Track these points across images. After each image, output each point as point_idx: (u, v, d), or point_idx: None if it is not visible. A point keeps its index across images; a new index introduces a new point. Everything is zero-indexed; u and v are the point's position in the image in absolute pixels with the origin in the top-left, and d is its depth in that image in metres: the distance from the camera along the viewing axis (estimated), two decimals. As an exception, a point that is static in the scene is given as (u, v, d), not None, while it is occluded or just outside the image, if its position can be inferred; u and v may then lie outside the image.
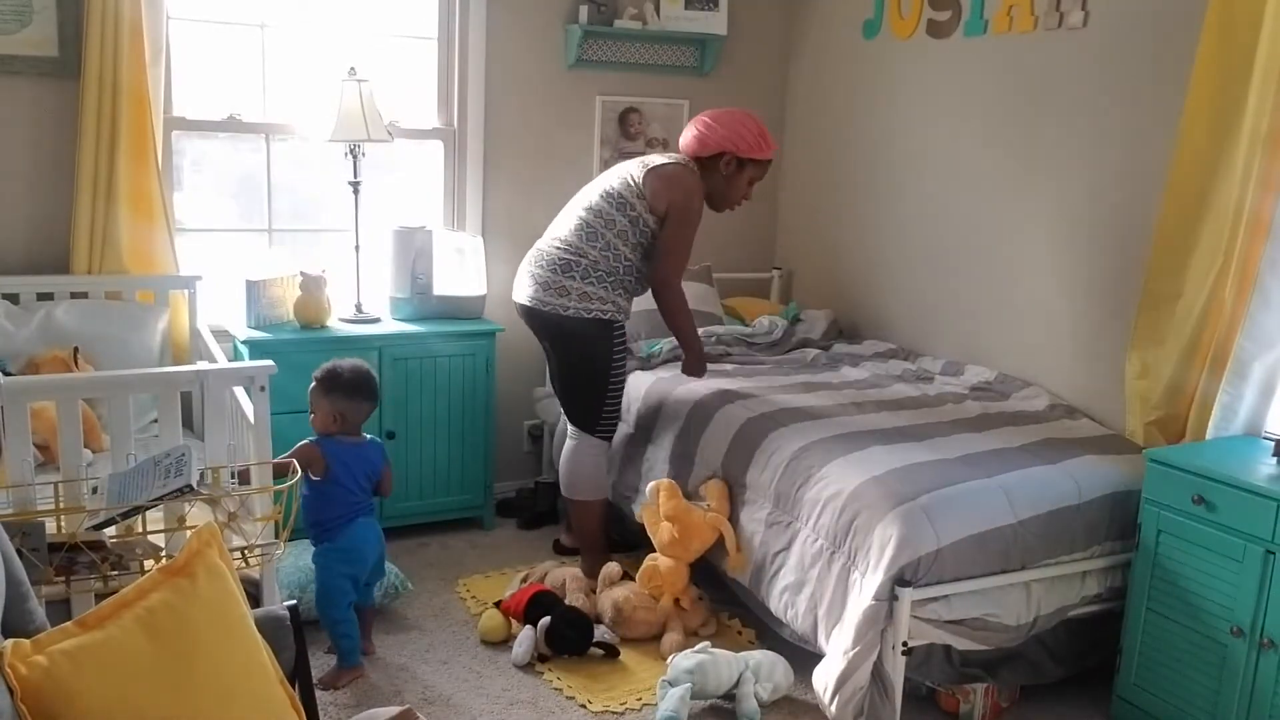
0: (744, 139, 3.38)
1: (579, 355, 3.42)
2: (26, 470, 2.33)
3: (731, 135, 3.37)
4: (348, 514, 2.96)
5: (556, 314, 3.35)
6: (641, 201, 3.35)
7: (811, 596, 2.86)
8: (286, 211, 4.04)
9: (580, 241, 3.35)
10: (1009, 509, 2.76)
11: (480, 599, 3.45)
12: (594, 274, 3.33)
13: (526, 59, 4.21)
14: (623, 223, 3.35)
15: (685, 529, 3.19)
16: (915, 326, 4.15)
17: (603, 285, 3.34)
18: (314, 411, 2.98)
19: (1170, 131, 3.05)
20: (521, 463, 4.37)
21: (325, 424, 2.97)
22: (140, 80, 3.43)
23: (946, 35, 3.91)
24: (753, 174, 3.46)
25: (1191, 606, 2.66)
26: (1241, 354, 2.83)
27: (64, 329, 3.33)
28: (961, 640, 2.71)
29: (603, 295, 3.34)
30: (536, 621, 3.11)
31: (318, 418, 2.98)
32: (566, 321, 3.35)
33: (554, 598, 3.22)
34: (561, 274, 3.34)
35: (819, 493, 2.89)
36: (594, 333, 3.37)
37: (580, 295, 3.33)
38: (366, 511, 3.02)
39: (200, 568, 1.72)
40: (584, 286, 3.33)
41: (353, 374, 2.98)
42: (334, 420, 2.95)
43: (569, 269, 3.34)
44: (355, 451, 2.99)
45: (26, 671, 1.47)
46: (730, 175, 3.42)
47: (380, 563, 3.11)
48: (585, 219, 3.38)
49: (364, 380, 2.99)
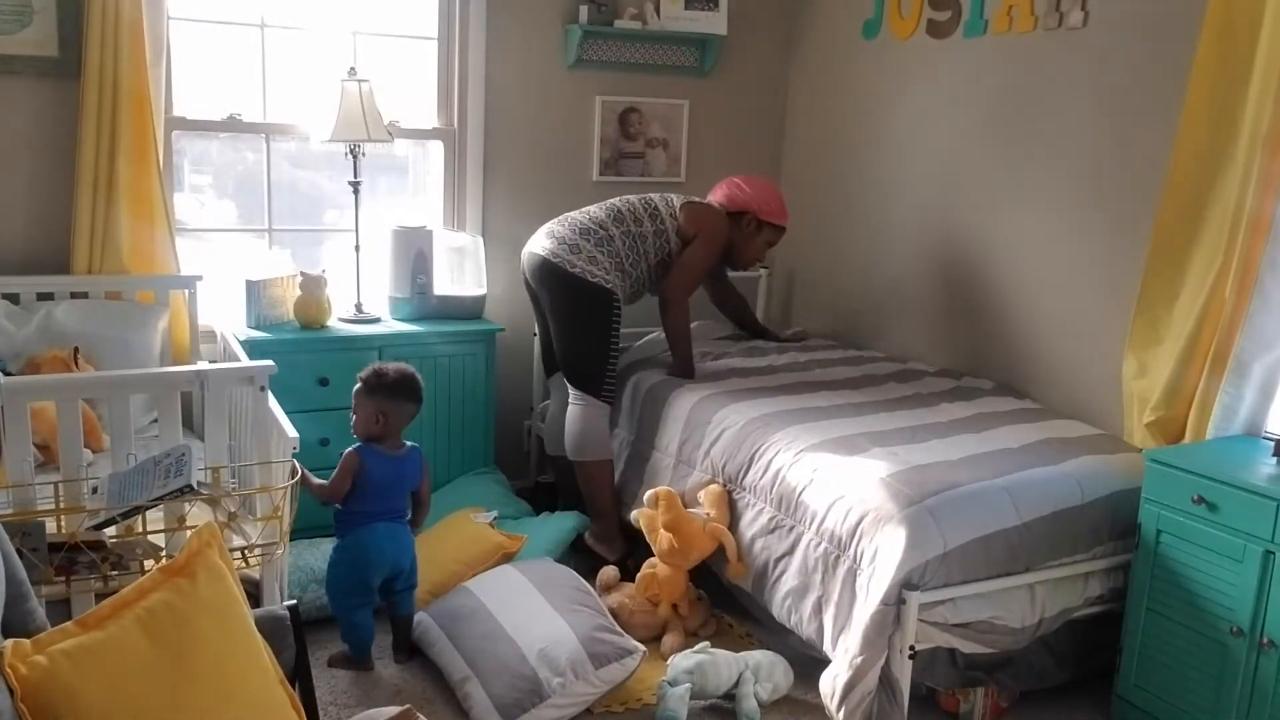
0: (768, 204, 3.78)
1: (580, 314, 3.58)
2: (26, 470, 2.33)
3: (758, 198, 3.77)
4: (363, 518, 2.95)
5: (563, 268, 3.54)
6: (673, 220, 3.71)
7: (816, 601, 2.84)
8: (286, 211, 4.05)
9: (608, 219, 3.65)
10: (1013, 511, 2.75)
11: (480, 599, 3.45)
12: (607, 248, 3.59)
13: (526, 59, 4.21)
14: (649, 228, 3.68)
15: (684, 539, 3.17)
16: (914, 325, 4.15)
17: (612, 263, 3.59)
18: (356, 413, 2.98)
19: (1170, 131, 3.05)
20: (521, 462, 4.37)
21: (367, 425, 2.95)
22: (140, 80, 3.43)
23: (946, 35, 3.91)
24: (769, 237, 3.85)
25: (1192, 607, 2.66)
26: (1241, 354, 2.83)
27: (64, 329, 3.33)
28: (968, 644, 2.71)
29: (607, 267, 3.57)
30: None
31: (359, 419, 2.97)
32: (569, 276, 3.54)
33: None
34: (579, 236, 3.59)
35: (822, 496, 2.88)
36: (593, 295, 3.55)
37: (589, 259, 3.55)
38: (389, 517, 2.98)
39: (200, 568, 1.72)
40: (594, 252, 3.56)
41: (397, 375, 2.98)
42: (375, 421, 2.94)
43: (587, 234, 3.60)
44: (394, 465, 2.97)
45: (26, 671, 1.47)
46: (750, 234, 3.80)
47: (412, 570, 3.06)
48: (618, 207, 3.71)
49: (407, 381, 2.99)
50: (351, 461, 2.93)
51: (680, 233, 3.69)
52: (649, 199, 3.75)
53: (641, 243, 3.65)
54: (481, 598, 3.03)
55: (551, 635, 2.82)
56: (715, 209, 3.77)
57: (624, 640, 2.87)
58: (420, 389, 3.03)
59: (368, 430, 2.96)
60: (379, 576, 2.99)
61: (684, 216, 3.70)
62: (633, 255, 3.63)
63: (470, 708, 2.77)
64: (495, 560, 3.32)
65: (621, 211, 3.68)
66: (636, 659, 2.84)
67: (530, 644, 2.80)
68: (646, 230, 3.66)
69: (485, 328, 3.97)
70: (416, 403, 3.03)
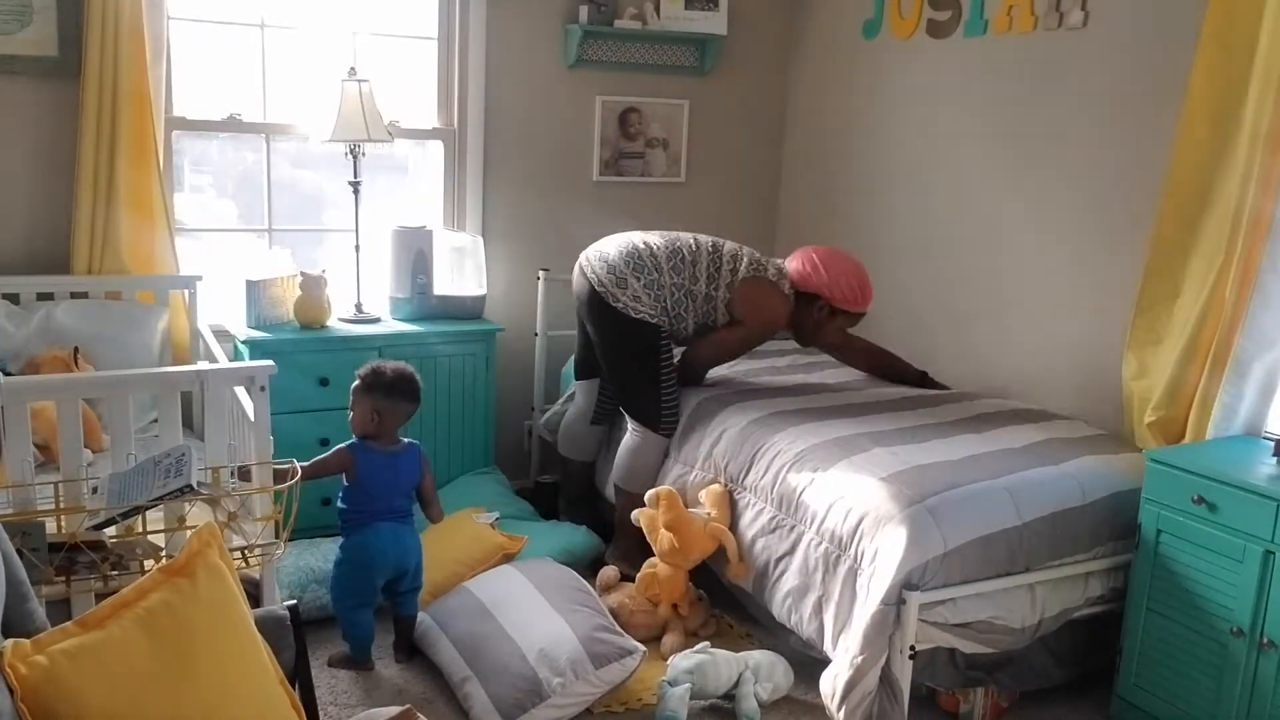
0: (841, 290, 3.46)
1: (628, 349, 3.46)
2: (26, 470, 2.33)
3: (831, 283, 3.46)
4: (364, 518, 2.95)
5: (607, 302, 3.41)
6: (725, 289, 3.45)
7: (817, 601, 2.84)
8: (286, 211, 4.04)
9: (665, 261, 3.43)
10: (1014, 510, 2.75)
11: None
12: (654, 293, 3.41)
13: (526, 59, 4.21)
14: (702, 288, 3.45)
15: (685, 539, 3.17)
16: (913, 325, 4.15)
17: (655, 303, 3.41)
18: (353, 410, 2.98)
19: (1170, 131, 3.05)
20: (522, 462, 4.37)
21: (363, 423, 2.96)
22: (140, 80, 3.43)
23: (946, 35, 3.91)
24: (843, 324, 3.57)
25: (1192, 607, 2.66)
26: (1242, 354, 2.83)
27: (64, 329, 3.33)
28: (968, 643, 2.70)
29: (652, 308, 3.41)
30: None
31: (356, 416, 2.97)
32: (613, 312, 3.41)
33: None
34: (629, 269, 3.41)
35: (823, 496, 2.88)
36: (639, 330, 3.41)
37: (633, 297, 3.40)
38: (393, 517, 2.98)
39: (200, 568, 1.72)
40: (640, 292, 3.40)
41: (394, 374, 2.98)
42: (371, 420, 2.95)
43: (640, 270, 3.41)
44: (388, 460, 2.98)
45: (26, 671, 1.47)
46: (821, 320, 3.52)
47: (416, 571, 3.05)
48: (682, 250, 3.47)
49: (405, 381, 2.99)
50: (343, 455, 2.93)
51: (730, 307, 3.46)
52: (719, 250, 3.49)
53: (691, 300, 3.44)
54: (482, 598, 3.03)
55: (551, 635, 2.82)
56: (777, 296, 3.48)
57: (624, 640, 2.87)
58: (418, 388, 3.03)
59: (364, 428, 2.97)
60: (382, 577, 2.99)
61: (740, 293, 3.44)
62: (677, 310, 3.44)
63: (470, 708, 2.77)
64: (496, 561, 3.32)
65: (684, 257, 3.45)
66: (636, 659, 2.84)
67: (530, 644, 2.80)
68: (699, 291, 3.43)
69: (485, 328, 3.97)
70: (414, 402, 3.02)
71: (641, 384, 3.46)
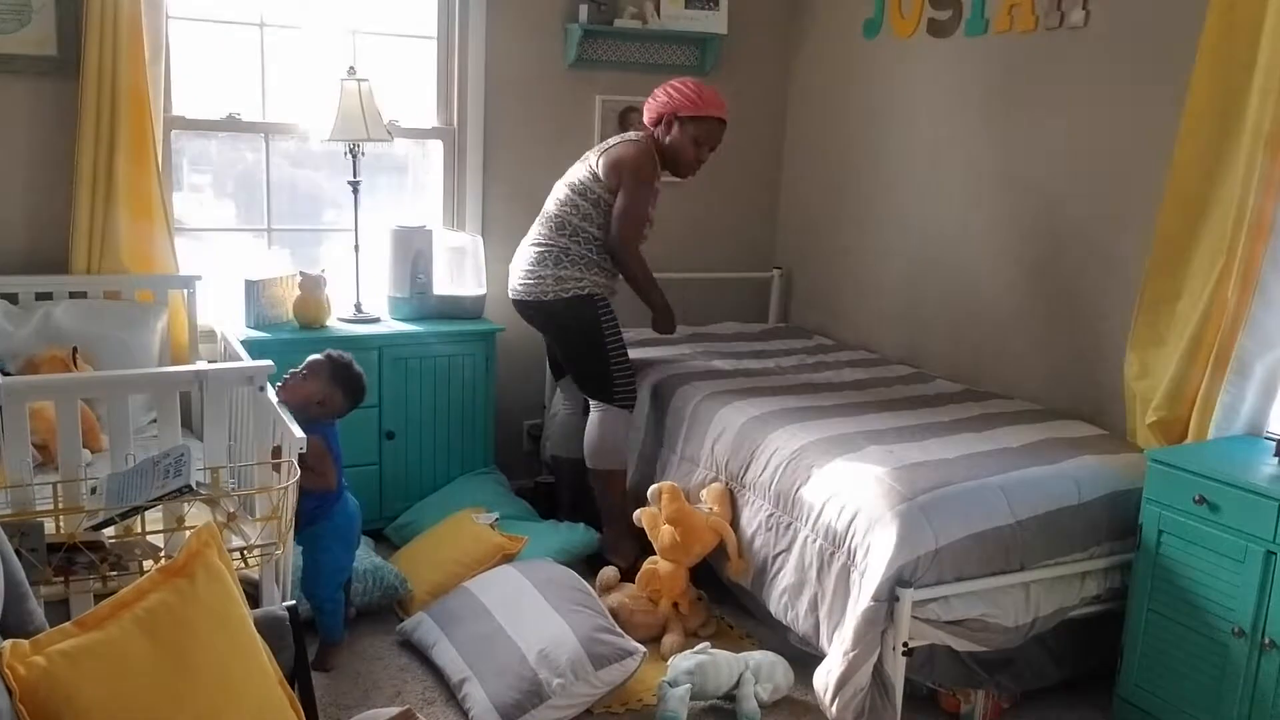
0: (675, 100, 3.51)
1: (572, 333, 3.58)
2: (25, 470, 2.32)
3: (669, 100, 3.53)
4: (338, 490, 2.96)
5: (539, 300, 3.55)
6: (599, 184, 3.52)
7: (813, 598, 2.85)
8: (286, 211, 4.04)
9: (552, 234, 3.56)
10: (1007, 509, 2.75)
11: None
12: (566, 259, 3.52)
13: (526, 59, 4.20)
14: (585, 207, 3.53)
15: (686, 532, 3.17)
16: (914, 324, 4.14)
17: (576, 268, 3.52)
18: (305, 383, 2.89)
19: (1172, 130, 3.05)
20: (522, 462, 4.37)
21: (305, 401, 2.86)
22: (140, 80, 3.42)
23: (947, 34, 3.91)
24: (695, 133, 3.53)
25: (1193, 607, 2.66)
26: (1243, 354, 2.83)
27: (63, 329, 3.33)
28: (961, 641, 2.70)
29: (577, 275, 3.52)
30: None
31: (301, 390, 2.88)
32: (548, 305, 3.54)
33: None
34: (539, 265, 3.55)
35: (819, 492, 2.89)
36: (576, 309, 3.52)
37: (555, 280, 3.52)
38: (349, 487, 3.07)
39: (199, 568, 1.72)
40: (558, 271, 3.52)
41: (361, 381, 3.01)
42: (316, 404, 2.90)
43: (543, 260, 3.54)
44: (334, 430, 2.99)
45: (25, 672, 1.47)
46: (676, 138, 3.53)
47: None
48: (554, 213, 3.59)
49: (364, 390, 3.04)
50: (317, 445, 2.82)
51: (610, 190, 3.49)
52: (574, 181, 3.55)
53: (588, 223, 3.50)
54: (481, 598, 3.03)
55: (551, 636, 2.81)
56: (625, 146, 3.53)
57: (624, 641, 2.87)
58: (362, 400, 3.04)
59: (304, 407, 2.85)
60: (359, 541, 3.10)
61: (604, 173, 3.49)
62: (587, 244, 3.51)
63: (470, 708, 2.76)
64: (495, 561, 3.31)
65: (557, 215, 3.54)
66: (636, 660, 2.84)
67: (530, 645, 2.80)
68: (586, 210, 3.50)
69: (485, 328, 3.97)
70: (354, 408, 3.04)
71: (592, 361, 3.55)
